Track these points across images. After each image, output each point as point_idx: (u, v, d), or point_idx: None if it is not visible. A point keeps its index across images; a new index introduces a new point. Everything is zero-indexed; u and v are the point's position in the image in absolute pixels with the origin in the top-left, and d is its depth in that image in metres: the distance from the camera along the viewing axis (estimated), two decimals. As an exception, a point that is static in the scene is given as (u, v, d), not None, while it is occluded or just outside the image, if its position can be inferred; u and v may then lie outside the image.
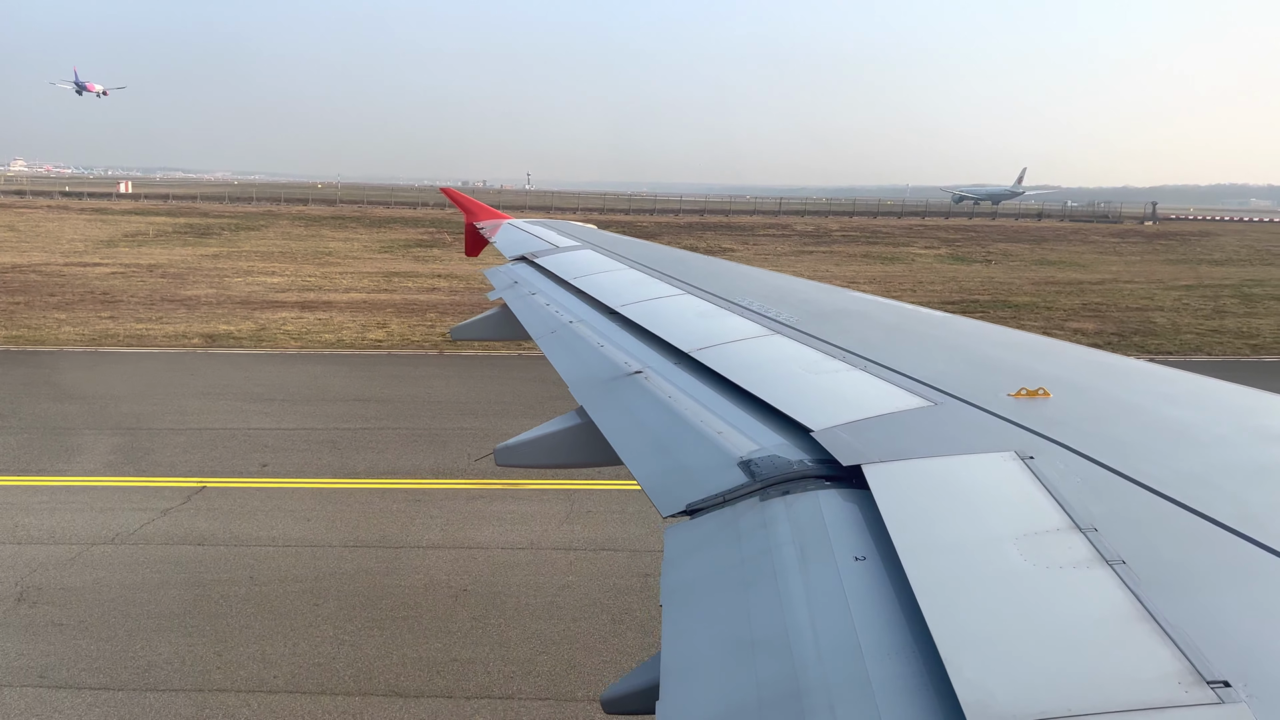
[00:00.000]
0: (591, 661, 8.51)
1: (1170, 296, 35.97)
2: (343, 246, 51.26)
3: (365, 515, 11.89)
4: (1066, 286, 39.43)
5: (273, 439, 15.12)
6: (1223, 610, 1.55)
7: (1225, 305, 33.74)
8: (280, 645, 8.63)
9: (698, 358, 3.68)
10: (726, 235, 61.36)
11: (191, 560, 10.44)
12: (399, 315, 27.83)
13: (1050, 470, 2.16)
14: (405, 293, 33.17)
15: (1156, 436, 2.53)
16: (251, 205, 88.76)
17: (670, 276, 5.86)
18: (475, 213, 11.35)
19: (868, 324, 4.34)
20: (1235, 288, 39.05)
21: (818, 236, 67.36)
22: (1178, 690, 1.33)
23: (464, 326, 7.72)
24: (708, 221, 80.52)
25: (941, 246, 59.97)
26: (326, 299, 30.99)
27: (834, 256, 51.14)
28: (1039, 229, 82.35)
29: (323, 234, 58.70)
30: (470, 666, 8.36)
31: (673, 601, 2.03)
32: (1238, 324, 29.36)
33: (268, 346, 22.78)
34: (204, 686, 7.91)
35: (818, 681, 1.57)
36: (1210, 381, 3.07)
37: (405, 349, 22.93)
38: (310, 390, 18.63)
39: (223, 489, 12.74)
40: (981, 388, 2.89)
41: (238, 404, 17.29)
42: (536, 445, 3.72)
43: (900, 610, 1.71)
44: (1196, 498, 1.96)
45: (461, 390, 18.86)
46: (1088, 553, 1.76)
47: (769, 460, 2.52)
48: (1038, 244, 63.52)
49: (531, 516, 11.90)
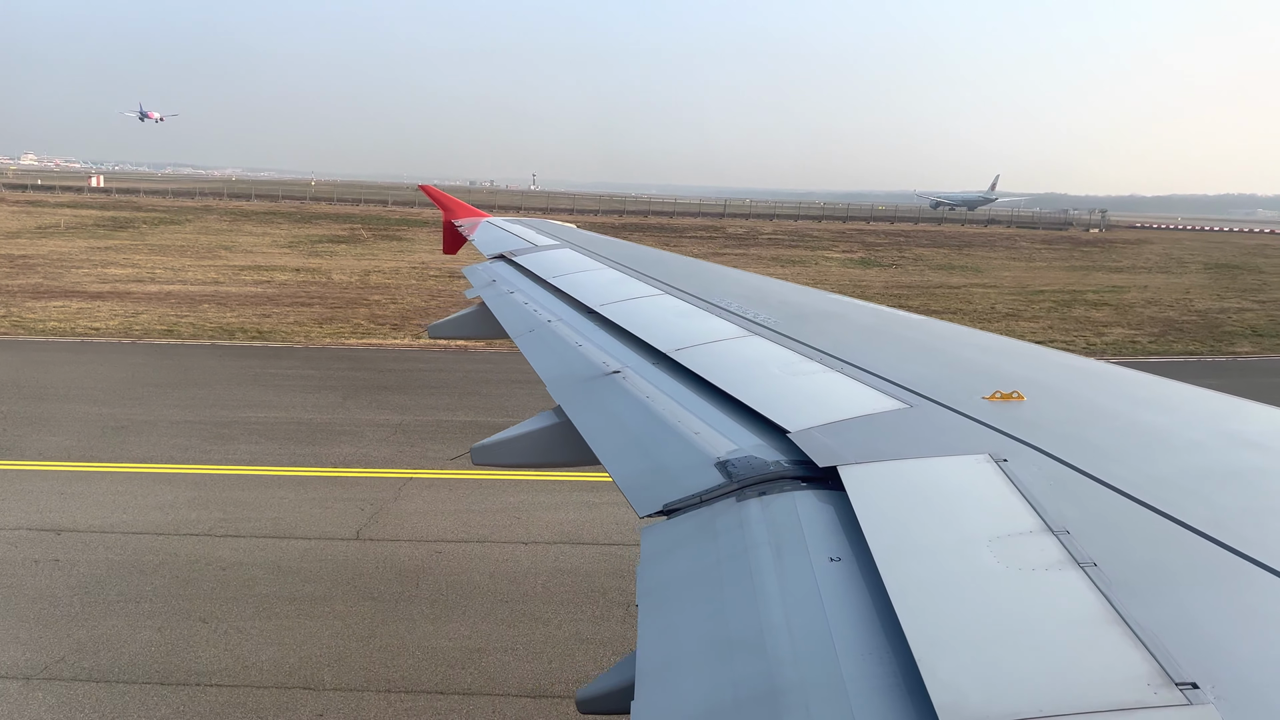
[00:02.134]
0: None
1: (1012, 301, 36.18)
2: (250, 241, 51.28)
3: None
4: (930, 289, 39.83)
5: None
6: (1192, 612, 1.57)
7: (1037, 310, 34.07)
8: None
9: (676, 358, 3.68)
10: (655, 235, 61.45)
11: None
12: (188, 305, 27.80)
13: (1024, 473, 2.18)
14: (241, 285, 33.15)
15: (1128, 440, 2.56)
16: (194, 200, 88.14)
17: (649, 276, 5.86)
18: (453, 210, 11.29)
19: (845, 326, 4.36)
20: (1078, 294, 39.20)
21: (744, 239, 67.99)
22: (1147, 691, 1.35)
23: (441, 325, 7.69)
24: (649, 222, 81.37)
25: (861, 250, 60.43)
26: (148, 290, 30.71)
27: (746, 259, 51.35)
28: (970, 234, 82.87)
29: (244, 228, 58.69)
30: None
31: (649, 601, 2.03)
32: (1020, 326, 29.80)
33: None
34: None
35: (793, 682, 1.58)
36: (1181, 386, 3.11)
37: (115, 337, 22.69)
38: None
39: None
40: (956, 390, 2.91)
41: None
42: (514, 444, 3.71)
43: (875, 611, 1.72)
44: (1167, 501, 1.98)
45: (78, 375, 18.49)
46: (1060, 555, 1.77)
47: (746, 461, 2.53)
48: (959, 249, 63.83)
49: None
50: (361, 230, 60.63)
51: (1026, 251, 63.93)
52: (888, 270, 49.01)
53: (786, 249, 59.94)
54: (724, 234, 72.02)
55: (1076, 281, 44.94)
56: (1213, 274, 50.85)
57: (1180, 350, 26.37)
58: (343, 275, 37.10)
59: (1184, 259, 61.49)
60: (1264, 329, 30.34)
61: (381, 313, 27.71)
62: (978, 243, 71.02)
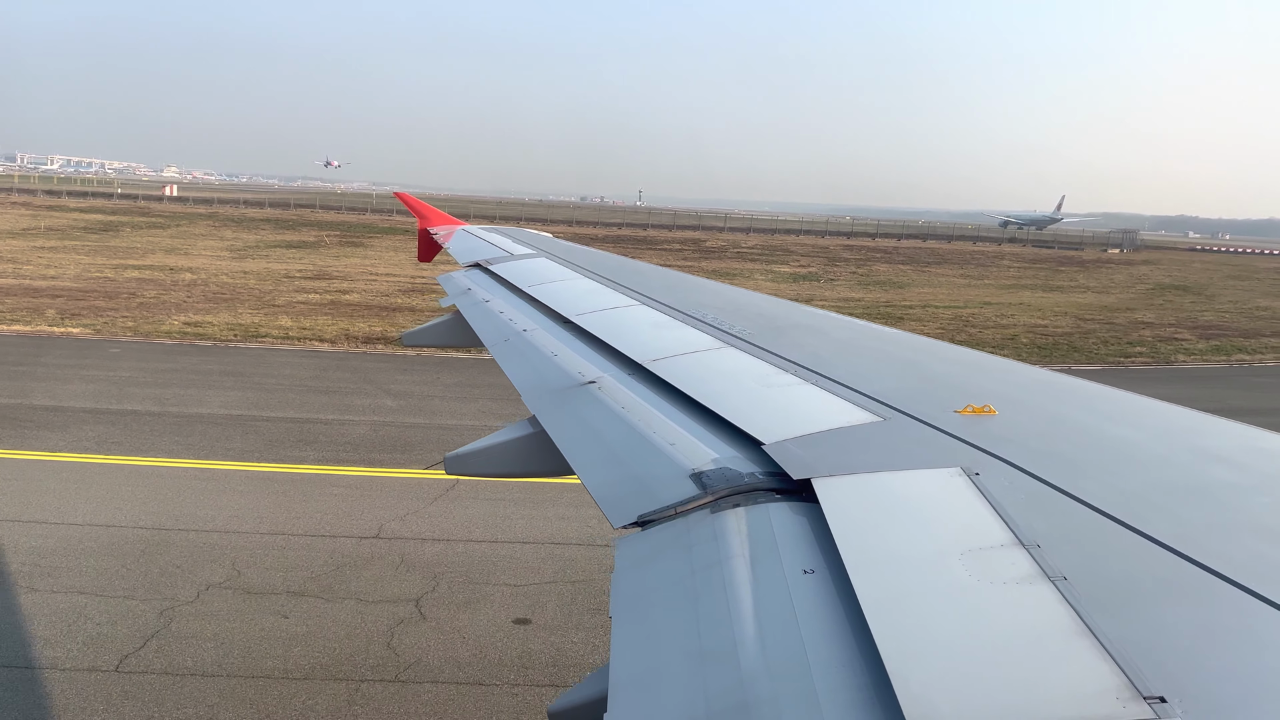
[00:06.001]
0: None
1: (863, 315, 36.33)
2: (204, 245, 52.21)
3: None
4: (815, 303, 40.12)
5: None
6: (1160, 627, 1.59)
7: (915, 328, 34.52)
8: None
9: (652, 369, 3.68)
10: (621, 246, 62.16)
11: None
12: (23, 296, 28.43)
13: (995, 486, 2.20)
14: (119, 283, 33.43)
15: (1098, 455, 2.59)
16: (211, 207, 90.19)
17: (626, 287, 5.86)
18: (428, 218, 11.25)
19: (820, 338, 4.38)
20: (945, 309, 39.53)
21: (700, 249, 68.94)
22: (1116, 706, 1.36)
23: (415, 333, 7.64)
24: (623, 234, 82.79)
25: (814, 265, 61.16)
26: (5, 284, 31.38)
27: (684, 269, 51.90)
28: (956, 251, 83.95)
29: (220, 234, 59.56)
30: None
31: (622, 613, 2.02)
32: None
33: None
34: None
35: (765, 694, 1.58)
36: (1151, 402, 3.15)
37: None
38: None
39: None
40: (929, 404, 2.93)
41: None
42: (487, 454, 3.69)
43: (847, 623, 1.72)
44: (1136, 516, 2.00)
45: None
46: (1030, 569, 1.79)
47: (721, 472, 2.53)
48: (921, 266, 64.51)
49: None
50: (324, 237, 61.26)
51: (994, 270, 64.60)
52: (810, 284, 49.37)
53: (731, 261, 60.45)
54: (691, 244, 72.71)
55: (987, 297, 45.45)
56: (1150, 295, 51.43)
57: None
58: (211, 276, 37.39)
59: (1149, 280, 62.41)
60: (1048, 346, 30.64)
61: (128, 305, 28.18)
62: (953, 260, 71.75)
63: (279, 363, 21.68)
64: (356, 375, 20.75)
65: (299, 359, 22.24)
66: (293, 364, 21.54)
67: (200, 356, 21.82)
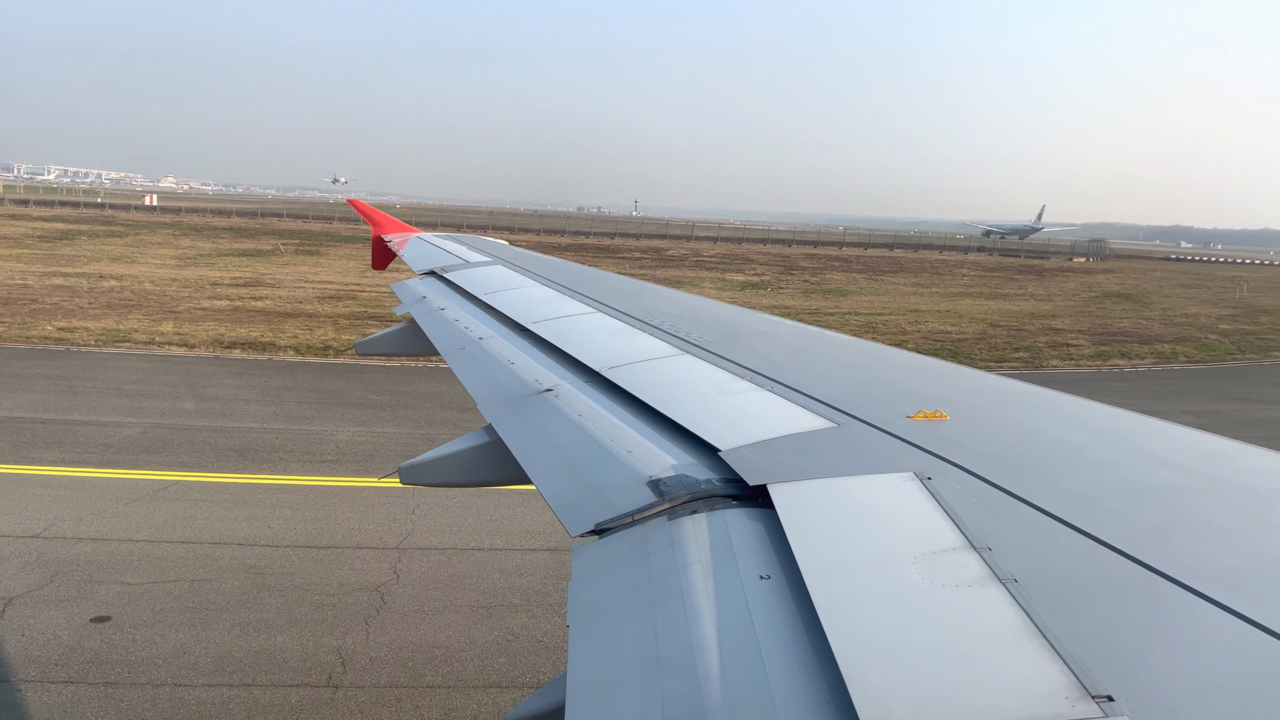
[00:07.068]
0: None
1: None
2: (163, 252, 52.20)
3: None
4: (754, 308, 40.78)
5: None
6: (1108, 627, 1.62)
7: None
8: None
9: (609, 376, 3.68)
10: (583, 255, 62.49)
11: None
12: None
13: (947, 490, 2.23)
14: (33, 290, 33.30)
15: (1047, 458, 2.63)
16: (179, 216, 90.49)
17: (582, 294, 5.86)
18: (382, 225, 11.15)
19: (775, 345, 4.41)
20: (854, 316, 40.23)
21: (659, 258, 69.63)
22: (1065, 705, 1.38)
23: (369, 341, 7.55)
24: (589, 243, 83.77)
25: (769, 273, 61.75)
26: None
27: (639, 276, 52.25)
28: (912, 259, 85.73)
29: (178, 243, 59.52)
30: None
31: (579, 621, 2.02)
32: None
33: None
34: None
35: (723, 700, 1.59)
36: (1099, 406, 3.21)
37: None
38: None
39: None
40: (882, 409, 2.96)
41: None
42: (443, 464, 3.66)
43: (804, 628, 1.73)
44: (1084, 518, 2.04)
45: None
46: (982, 571, 1.81)
47: (678, 480, 2.54)
48: (876, 275, 65.38)
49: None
50: (281, 245, 61.19)
51: (946, 279, 65.57)
52: (755, 292, 49.78)
53: (689, 270, 61.02)
54: (650, 252, 73.24)
55: (920, 305, 46.27)
56: (1086, 303, 52.41)
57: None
58: (134, 283, 37.03)
59: (1097, 288, 63.67)
60: (930, 352, 31.25)
61: (19, 311, 28.01)
62: (912, 269, 72.83)
63: (115, 367, 21.27)
64: (184, 379, 20.45)
65: (138, 363, 21.87)
66: (128, 369, 21.20)
67: (36, 360, 21.47)
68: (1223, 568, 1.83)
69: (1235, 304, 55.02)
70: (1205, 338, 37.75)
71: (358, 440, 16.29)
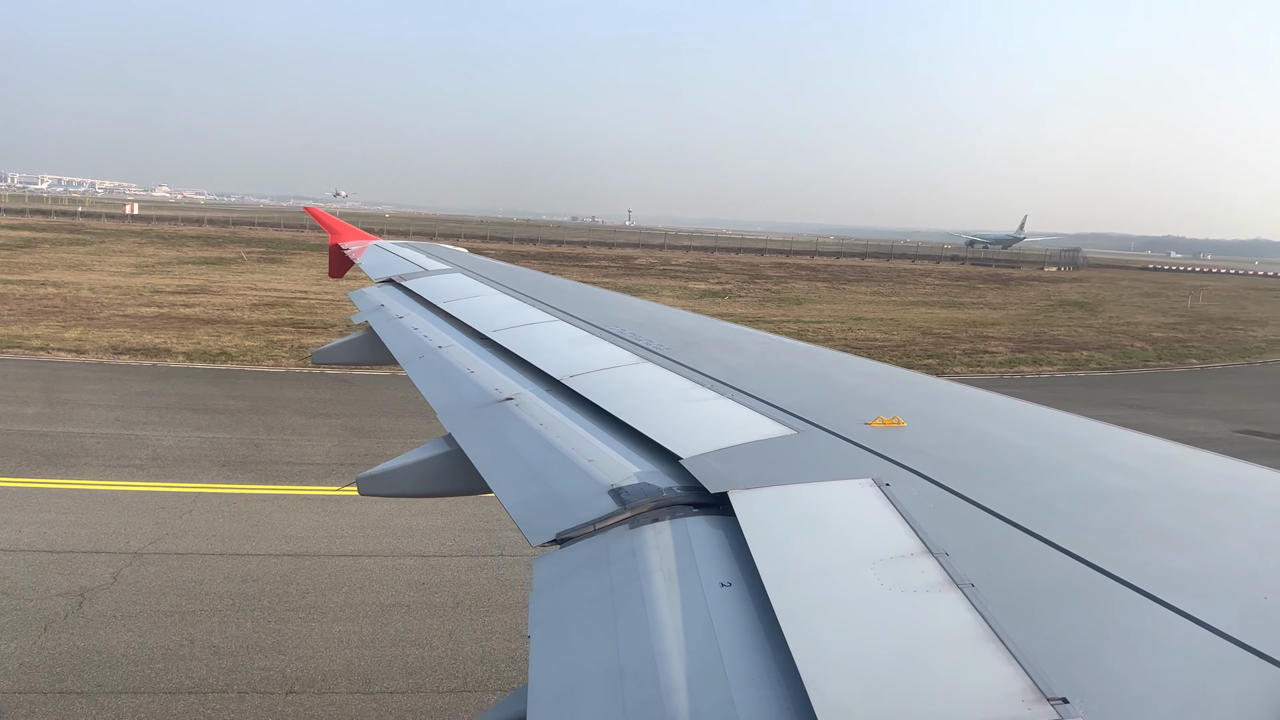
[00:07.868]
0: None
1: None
2: (122, 260, 51.57)
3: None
4: (717, 316, 41.18)
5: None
6: (1062, 630, 1.65)
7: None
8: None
9: (570, 384, 3.67)
10: (550, 263, 62.59)
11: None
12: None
13: (905, 496, 2.25)
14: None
15: (1002, 464, 2.67)
16: (151, 225, 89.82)
17: (542, 302, 5.84)
18: (339, 233, 11.03)
19: (736, 353, 4.43)
20: (797, 323, 40.67)
21: (627, 266, 69.84)
22: (1021, 708, 1.40)
23: (326, 350, 7.45)
24: (561, 251, 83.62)
25: (733, 282, 62.05)
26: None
27: (603, 285, 52.34)
28: (878, 268, 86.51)
29: (140, 251, 58.72)
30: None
31: (541, 631, 2.01)
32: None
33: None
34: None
35: (684, 709, 1.59)
36: (1052, 412, 3.27)
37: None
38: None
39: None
40: (841, 416, 2.99)
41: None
42: (402, 474, 3.62)
43: (764, 635, 1.74)
44: (1038, 522, 2.07)
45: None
46: (939, 576, 1.83)
47: (639, 488, 2.54)
48: (839, 284, 65.79)
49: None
50: (243, 254, 60.61)
51: (908, 288, 66.10)
52: (713, 300, 50.03)
53: (653, 278, 61.19)
54: (617, 260, 73.24)
55: (868, 313, 46.65)
56: (1038, 312, 52.96)
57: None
58: (72, 291, 36.53)
59: (1055, 297, 64.59)
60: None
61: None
62: (877, 278, 73.33)
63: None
64: (46, 384, 20.03)
65: (9, 369, 21.41)
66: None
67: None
68: (1173, 570, 1.87)
69: (1184, 313, 56.05)
70: (1131, 345, 38.15)
71: (182, 445, 15.84)
